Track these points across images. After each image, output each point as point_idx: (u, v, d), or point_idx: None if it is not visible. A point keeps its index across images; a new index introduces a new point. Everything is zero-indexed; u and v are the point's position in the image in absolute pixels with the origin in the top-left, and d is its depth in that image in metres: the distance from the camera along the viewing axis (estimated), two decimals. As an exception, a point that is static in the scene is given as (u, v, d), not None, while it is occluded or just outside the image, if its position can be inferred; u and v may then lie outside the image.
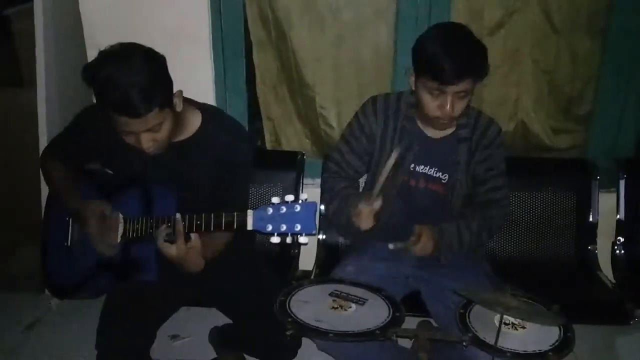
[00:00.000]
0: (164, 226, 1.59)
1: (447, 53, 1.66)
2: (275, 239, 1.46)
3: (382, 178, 1.69)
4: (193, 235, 1.57)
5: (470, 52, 1.71)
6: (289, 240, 1.46)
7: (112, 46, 1.55)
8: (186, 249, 1.57)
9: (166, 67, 1.59)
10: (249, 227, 1.48)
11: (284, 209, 1.44)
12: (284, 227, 1.44)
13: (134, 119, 1.51)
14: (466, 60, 1.69)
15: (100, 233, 1.71)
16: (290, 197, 1.45)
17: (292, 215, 1.44)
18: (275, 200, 1.46)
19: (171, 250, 1.57)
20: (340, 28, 2.56)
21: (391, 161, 1.66)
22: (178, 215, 1.56)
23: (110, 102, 1.50)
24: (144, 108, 1.50)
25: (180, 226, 1.55)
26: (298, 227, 1.43)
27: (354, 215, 1.76)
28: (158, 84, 1.54)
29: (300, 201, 1.45)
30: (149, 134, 1.57)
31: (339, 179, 1.98)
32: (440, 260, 1.86)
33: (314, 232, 1.45)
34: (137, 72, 1.49)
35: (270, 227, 1.45)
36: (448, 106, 1.71)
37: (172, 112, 1.61)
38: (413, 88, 1.81)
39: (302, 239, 1.45)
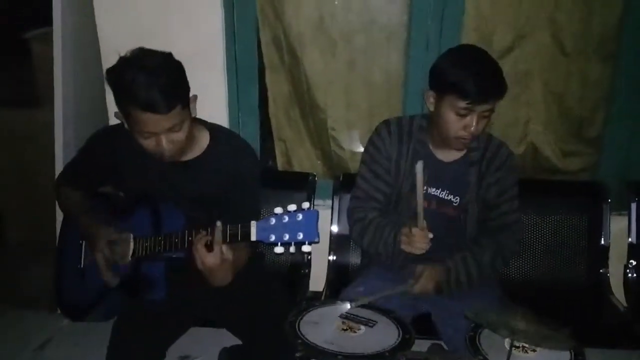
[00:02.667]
0: (204, 233, 1.57)
1: (477, 73, 1.70)
2: (279, 249, 1.45)
3: (419, 198, 1.71)
4: (225, 248, 1.55)
5: (496, 71, 1.75)
6: (292, 249, 1.44)
7: (132, 51, 1.60)
8: (221, 259, 1.55)
9: (184, 70, 1.64)
10: (253, 237, 1.47)
11: (286, 219, 1.44)
12: (286, 237, 1.43)
13: (158, 115, 1.54)
14: (494, 79, 1.73)
15: (107, 263, 1.75)
16: (292, 207, 1.44)
17: (294, 224, 1.43)
18: (277, 210, 1.45)
19: (207, 258, 1.54)
20: (351, 52, 2.59)
21: (419, 176, 1.67)
22: (218, 224, 1.53)
23: (136, 100, 1.53)
24: (168, 104, 1.54)
25: (219, 235, 1.53)
26: (301, 236, 1.42)
27: (406, 241, 1.78)
28: (180, 83, 1.61)
29: (302, 210, 1.44)
30: (169, 135, 1.60)
31: (368, 209, 1.96)
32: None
33: (316, 240, 1.44)
34: (160, 71, 1.55)
35: (273, 237, 1.44)
36: (474, 125, 1.74)
37: (189, 115, 1.65)
38: (432, 109, 1.83)
39: (306, 248, 1.43)
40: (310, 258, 2.49)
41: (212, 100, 2.49)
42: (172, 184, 1.77)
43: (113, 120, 2.41)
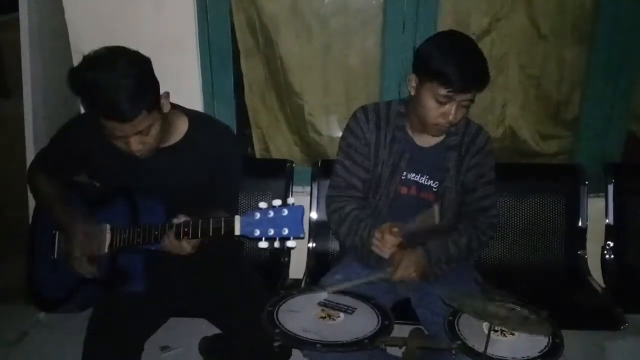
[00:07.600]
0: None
1: (462, 62, 1.68)
2: (263, 244, 1.44)
3: (419, 225, 1.71)
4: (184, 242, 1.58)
5: (480, 62, 1.74)
6: (277, 244, 1.44)
7: (96, 50, 1.54)
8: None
9: (152, 69, 1.59)
10: (237, 232, 1.47)
11: (271, 214, 1.43)
12: (271, 232, 1.43)
13: (122, 123, 1.50)
14: (477, 70, 1.72)
15: (83, 255, 1.72)
16: (277, 202, 1.43)
17: (279, 219, 1.42)
18: (262, 205, 1.44)
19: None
20: (327, 36, 2.56)
21: (436, 216, 1.67)
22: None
23: (99, 107, 1.49)
24: (132, 112, 1.49)
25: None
26: (286, 231, 1.42)
27: (377, 244, 1.78)
28: (145, 87, 1.54)
29: (287, 205, 1.43)
30: (138, 137, 1.57)
31: (347, 199, 1.94)
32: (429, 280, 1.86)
33: (301, 235, 1.44)
34: (123, 75, 1.49)
35: (257, 232, 1.44)
36: (452, 114, 1.73)
37: (160, 114, 1.61)
38: (413, 93, 1.81)
39: (290, 243, 1.44)
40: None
41: (185, 87, 2.44)
42: (150, 171, 1.73)
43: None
